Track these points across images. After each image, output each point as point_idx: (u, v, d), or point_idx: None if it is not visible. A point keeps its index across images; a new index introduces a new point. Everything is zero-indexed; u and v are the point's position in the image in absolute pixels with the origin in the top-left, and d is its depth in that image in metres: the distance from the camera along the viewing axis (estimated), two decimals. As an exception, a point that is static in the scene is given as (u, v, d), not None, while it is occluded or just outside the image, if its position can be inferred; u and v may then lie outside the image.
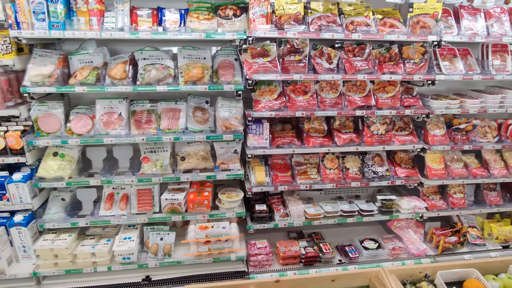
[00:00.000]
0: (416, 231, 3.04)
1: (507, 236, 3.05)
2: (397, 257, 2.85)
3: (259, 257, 2.66)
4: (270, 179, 2.74)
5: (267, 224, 2.74)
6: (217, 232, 2.55)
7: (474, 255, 2.89)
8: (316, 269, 2.69)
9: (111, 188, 2.66)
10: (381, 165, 2.93)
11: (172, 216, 2.59)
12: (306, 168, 2.84)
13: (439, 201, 3.04)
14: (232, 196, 2.67)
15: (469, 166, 3.04)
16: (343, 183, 2.80)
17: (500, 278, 2.63)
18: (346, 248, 2.86)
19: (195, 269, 2.62)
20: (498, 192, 3.15)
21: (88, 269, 2.47)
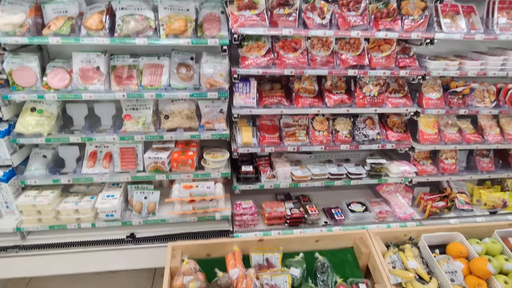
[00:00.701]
0: (405, 196, 3.02)
1: (495, 202, 3.03)
2: (383, 220, 2.85)
3: (244, 217, 2.66)
4: (257, 140, 2.68)
5: (253, 185, 2.71)
6: (202, 192, 2.52)
7: (460, 220, 2.89)
8: (301, 229, 2.70)
9: (94, 146, 2.61)
10: (372, 128, 2.85)
11: (156, 175, 2.55)
12: (295, 130, 2.76)
13: (430, 166, 2.99)
14: (217, 156, 2.62)
15: (463, 132, 2.96)
16: (332, 146, 2.73)
17: (484, 242, 2.64)
18: (332, 211, 2.86)
19: (180, 227, 2.63)
20: (491, 159, 3.09)
21: (72, 225, 2.47)
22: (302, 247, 2.57)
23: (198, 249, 2.44)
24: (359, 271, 2.49)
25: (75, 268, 2.50)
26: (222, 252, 2.48)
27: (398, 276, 2.29)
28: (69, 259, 2.45)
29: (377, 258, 2.42)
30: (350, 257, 2.57)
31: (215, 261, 2.44)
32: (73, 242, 2.47)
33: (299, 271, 2.35)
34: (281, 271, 2.34)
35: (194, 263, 2.31)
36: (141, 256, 2.52)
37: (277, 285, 2.26)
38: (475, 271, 2.37)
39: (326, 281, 2.34)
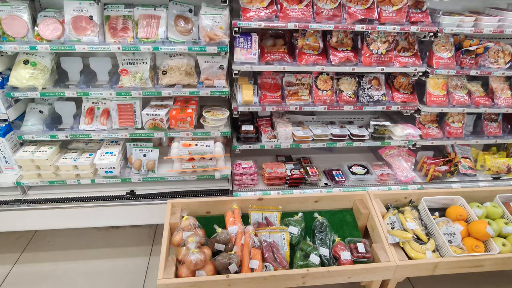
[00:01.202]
0: (407, 160, 2.97)
1: (499, 168, 2.98)
2: (385, 183, 2.83)
3: (244, 177, 2.65)
4: (258, 99, 2.59)
5: (253, 145, 2.67)
6: (201, 150, 2.49)
7: (462, 185, 2.86)
8: (301, 190, 2.69)
9: (91, 102, 2.54)
10: (378, 89, 2.74)
11: (155, 132, 2.50)
12: (298, 88, 2.67)
13: (435, 130, 2.91)
14: (217, 114, 2.55)
15: (473, 94, 2.84)
16: (335, 106, 2.65)
17: (485, 206, 2.62)
18: (333, 172, 2.83)
19: (180, 185, 2.63)
20: (499, 124, 3.00)
21: (72, 181, 2.47)
22: (301, 207, 2.57)
23: (197, 207, 2.45)
24: (357, 231, 2.50)
25: (76, 223, 2.53)
26: (221, 210, 2.49)
27: (396, 236, 2.30)
28: (70, 214, 2.47)
29: (376, 218, 2.42)
30: (349, 218, 2.57)
31: (215, 219, 2.46)
32: (74, 198, 2.49)
33: (297, 230, 2.36)
34: (279, 229, 2.35)
35: (194, 220, 2.32)
36: (141, 213, 2.54)
37: (275, 242, 2.28)
38: (474, 233, 2.37)
39: (324, 240, 2.36)
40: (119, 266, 2.60)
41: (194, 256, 2.02)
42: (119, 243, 2.81)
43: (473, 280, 2.58)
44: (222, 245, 2.21)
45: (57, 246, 2.73)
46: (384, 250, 2.26)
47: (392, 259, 2.20)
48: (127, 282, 2.47)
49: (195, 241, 2.10)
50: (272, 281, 2.09)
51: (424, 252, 2.26)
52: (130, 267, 2.60)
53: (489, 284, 2.57)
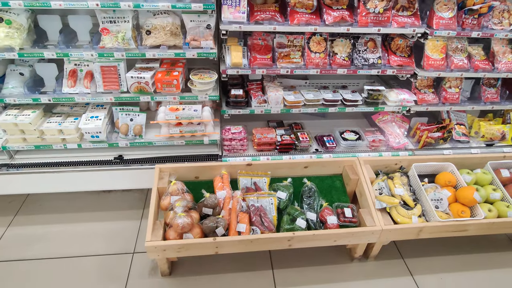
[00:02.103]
0: (401, 126, 2.92)
1: (493, 134, 2.94)
2: (376, 149, 2.80)
3: (233, 142, 2.61)
4: (248, 61, 2.48)
5: (243, 109, 2.60)
6: (188, 115, 2.43)
7: (455, 151, 2.83)
8: (291, 156, 2.66)
9: (73, 64, 2.44)
10: (374, 52, 2.62)
11: (140, 96, 2.43)
12: (289, 50, 2.54)
13: (431, 95, 2.82)
14: (204, 77, 2.46)
15: (473, 58, 2.72)
16: (328, 70, 2.54)
17: (475, 173, 2.62)
18: (324, 138, 2.79)
19: (168, 150, 2.60)
20: (498, 89, 2.91)
21: (58, 145, 2.44)
22: (290, 173, 2.56)
23: (186, 172, 2.44)
24: (346, 196, 2.51)
25: (65, 187, 2.54)
26: (210, 175, 2.48)
27: (383, 201, 2.31)
28: (59, 178, 2.47)
29: (365, 184, 2.42)
30: (338, 183, 2.57)
31: (203, 184, 2.46)
32: (61, 162, 2.47)
33: (285, 195, 2.37)
34: (268, 194, 2.36)
35: (182, 184, 2.32)
36: (130, 178, 2.54)
37: (263, 207, 2.30)
38: (461, 199, 2.39)
39: (311, 205, 2.38)
40: (111, 229, 2.64)
41: (181, 219, 2.04)
42: (111, 206, 2.84)
43: (458, 242, 2.64)
44: (209, 209, 2.23)
45: (49, 210, 2.77)
46: (371, 215, 2.28)
47: (378, 223, 2.23)
48: (119, 244, 2.52)
49: (182, 205, 2.11)
50: (258, 243, 2.13)
51: (410, 217, 2.29)
52: (122, 229, 2.64)
53: (472, 247, 2.63)
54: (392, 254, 2.56)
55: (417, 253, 2.56)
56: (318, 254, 2.49)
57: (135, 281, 2.30)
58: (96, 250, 2.46)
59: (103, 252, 2.45)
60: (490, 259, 2.57)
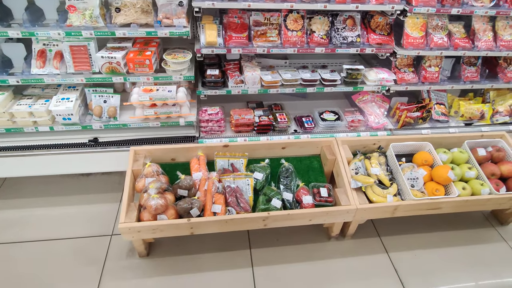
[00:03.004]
0: (381, 106, 2.91)
1: (473, 114, 2.94)
2: (355, 129, 2.79)
3: (210, 123, 2.58)
4: (223, 40, 2.42)
5: (219, 90, 2.55)
6: (162, 96, 2.38)
7: (433, 131, 2.84)
8: (269, 136, 2.65)
9: (41, 44, 2.35)
10: (353, 30, 2.57)
11: (113, 77, 2.36)
12: (266, 29, 2.48)
13: (411, 74, 2.80)
14: (178, 57, 2.39)
15: (453, 36, 2.69)
16: (305, 48, 2.49)
17: (451, 152, 2.63)
18: (303, 119, 2.77)
19: (143, 132, 2.56)
20: (478, 68, 2.89)
21: (30, 128, 2.39)
22: (268, 154, 2.55)
23: (161, 154, 2.41)
24: (323, 176, 2.52)
25: (39, 171, 2.50)
26: (187, 157, 2.46)
27: (358, 181, 2.32)
28: (32, 162, 2.43)
29: (341, 164, 2.43)
30: (316, 164, 2.57)
31: (180, 166, 2.44)
32: (34, 145, 2.42)
33: (262, 175, 2.37)
34: (244, 175, 2.36)
35: (157, 166, 2.30)
36: (106, 160, 2.51)
37: (239, 188, 2.30)
38: (436, 178, 2.41)
39: (288, 185, 2.38)
40: (89, 212, 2.63)
41: (154, 201, 2.04)
42: (90, 189, 2.82)
43: (434, 220, 2.68)
44: (184, 190, 2.22)
45: (26, 193, 2.74)
46: (346, 194, 2.30)
47: (353, 202, 2.24)
48: (97, 226, 2.52)
49: (156, 187, 2.10)
50: (233, 224, 2.14)
51: (385, 196, 2.31)
52: (101, 212, 2.63)
53: (448, 224, 2.68)
54: (369, 232, 2.60)
55: (393, 231, 2.60)
56: (296, 233, 2.52)
57: (113, 262, 2.31)
58: (73, 233, 2.46)
59: (80, 234, 2.45)
60: (465, 236, 2.63)
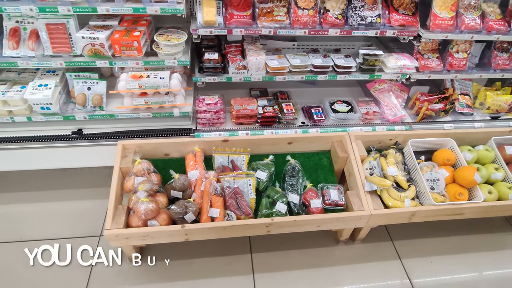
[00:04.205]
0: (399, 96, 2.61)
1: (500, 106, 2.65)
2: (370, 122, 2.52)
3: (208, 114, 2.31)
4: (223, 19, 2.10)
5: (218, 76, 2.26)
6: (153, 83, 2.09)
7: (456, 125, 2.56)
8: (274, 130, 2.38)
9: (14, 21, 2.04)
10: (373, 9, 2.23)
11: (97, 60, 2.07)
12: (273, 6, 2.15)
13: (435, 61, 2.48)
14: (171, 39, 2.08)
15: (487, 17, 2.35)
16: (318, 30, 2.17)
17: (477, 150, 2.37)
18: (312, 110, 2.49)
19: (133, 124, 2.29)
20: (510, 54, 2.56)
21: (5, 118, 2.12)
22: (273, 149, 2.29)
23: (153, 149, 2.16)
24: (333, 176, 2.27)
25: (16, 165, 2.27)
26: (182, 151, 2.21)
27: (374, 183, 2.08)
28: (9, 155, 2.18)
29: (354, 163, 2.17)
30: (325, 161, 2.32)
31: (174, 162, 2.20)
32: (10, 138, 2.17)
33: (265, 175, 2.13)
34: (245, 174, 2.11)
35: (148, 164, 2.05)
36: (92, 154, 2.26)
37: (239, 188, 2.06)
38: (459, 180, 2.16)
39: (294, 186, 2.14)
40: (76, 209, 2.42)
41: (143, 205, 1.81)
42: (77, 184, 2.60)
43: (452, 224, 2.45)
44: (179, 192, 1.99)
45: (7, 188, 2.52)
46: (359, 198, 2.06)
47: (366, 207, 2.01)
48: (85, 226, 2.31)
49: (145, 189, 1.86)
50: (232, 230, 1.92)
51: (403, 200, 2.07)
52: (89, 209, 2.42)
53: (467, 229, 2.46)
54: (381, 236, 2.39)
55: (407, 235, 2.39)
56: (302, 237, 2.30)
57: (101, 267, 2.12)
58: (58, 232, 2.25)
59: (65, 235, 2.24)
60: (484, 241, 2.42)
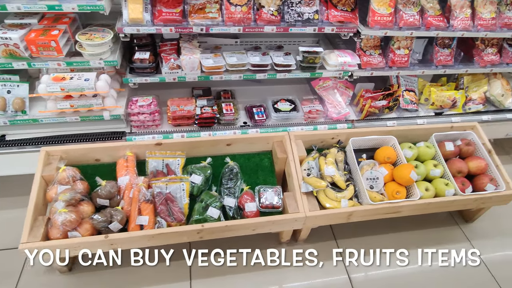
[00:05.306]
0: (344, 93, 2.58)
1: (444, 102, 2.66)
2: (313, 121, 2.48)
3: (142, 116, 2.21)
4: (151, 16, 1.99)
5: (151, 77, 2.16)
6: (77, 85, 1.97)
7: (399, 122, 2.56)
8: (214, 131, 2.31)
9: None
10: (310, 5, 2.18)
11: (13, 62, 1.93)
12: (205, 3, 2.06)
13: (377, 57, 2.46)
14: (94, 38, 1.96)
15: (426, 13, 2.33)
16: (252, 27, 2.10)
17: (418, 147, 2.37)
18: (254, 110, 2.43)
19: (60, 128, 2.16)
20: (452, 50, 2.57)
21: None
22: (213, 152, 2.22)
23: (81, 154, 2.05)
24: (273, 177, 2.22)
25: None
26: (114, 157, 2.10)
27: (310, 184, 2.04)
28: None
29: (292, 163, 2.13)
30: (267, 162, 2.27)
31: (105, 167, 2.09)
32: None
33: (200, 178, 2.06)
34: (179, 178, 2.03)
35: (74, 171, 1.94)
36: (16, 162, 2.13)
37: (171, 194, 1.98)
38: (397, 178, 2.16)
39: (232, 188, 2.08)
40: (3, 218, 2.29)
41: (61, 217, 1.71)
42: (5, 192, 2.45)
43: (396, 220, 2.46)
44: (105, 200, 1.89)
45: None
46: (295, 200, 2.02)
47: (302, 209, 1.98)
48: (12, 235, 2.17)
49: (65, 199, 1.76)
50: (161, 238, 1.84)
51: (339, 201, 2.05)
52: (17, 218, 2.28)
53: (412, 224, 2.47)
54: (325, 235, 2.37)
55: (353, 233, 2.38)
56: (244, 238, 2.24)
57: (29, 278, 2.01)
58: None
59: (-9, 247, 2.12)
60: (428, 236, 2.44)
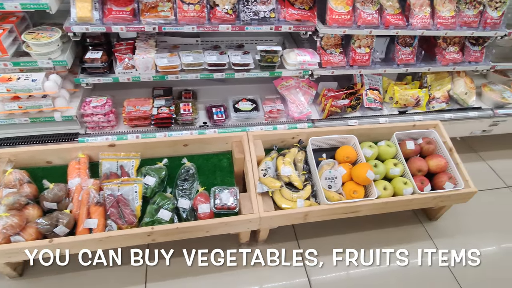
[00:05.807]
0: (306, 92, 2.57)
1: (407, 100, 2.66)
2: (274, 121, 2.46)
3: (96, 117, 2.16)
4: (101, 15, 1.95)
5: (104, 77, 2.11)
6: (24, 86, 1.92)
7: (361, 121, 2.55)
8: (171, 131, 2.27)
9: None
10: (266, 3, 2.16)
11: (-45, 62, 1.87)
12: (158, 1, 2.02)
13: (339, 56, 2.45)
14: (41, 37, 1.91)
15: (384, 11, 2.33)
16: (207, 26, 2.07)
17: (378, 146, 2.37)
18: (213, 110, 2.40)
19: (10, 130, 2.10)
20: (414, 49, 2.57)
21: None
22: (170, 153, 2.19)
23: (31, 157, 1.99)
24: (231, 178, 2.20)
25: None
26: (66, 159, 2.06)
27: (265, 184, 2.02)
28: None
29: (249, 164, 2.11)
30: (225, 162, 2.24)
31: (58, 170, 2.04)
32: None
33: (154, 180, 2.02)
34: (132, 180, 2.00)
35: (21, 174, 1.89)
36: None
37: (123, 196, 1.94)
38: (355, 178, 2.14)
39: (187, 190, 2.05)
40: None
41: (2, 221, 1.66)
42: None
43: (361, 218, 2.45)
44: (52, 203, 1.85)
45: None
46: (250, 201, 2.00)
47: (256, 210, 1.95)
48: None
49: (7, 203, 1.71)
50: (110, 242, 1.80)
51: (295, 201, 2.03)
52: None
53: (374, 222, 2.47)
54: (286, 235, 2.35)
55: (314, 233, 2.36)
56: (202, 239, 2.22)
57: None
58: None
59: None
60: (391, 235, 2.43)
